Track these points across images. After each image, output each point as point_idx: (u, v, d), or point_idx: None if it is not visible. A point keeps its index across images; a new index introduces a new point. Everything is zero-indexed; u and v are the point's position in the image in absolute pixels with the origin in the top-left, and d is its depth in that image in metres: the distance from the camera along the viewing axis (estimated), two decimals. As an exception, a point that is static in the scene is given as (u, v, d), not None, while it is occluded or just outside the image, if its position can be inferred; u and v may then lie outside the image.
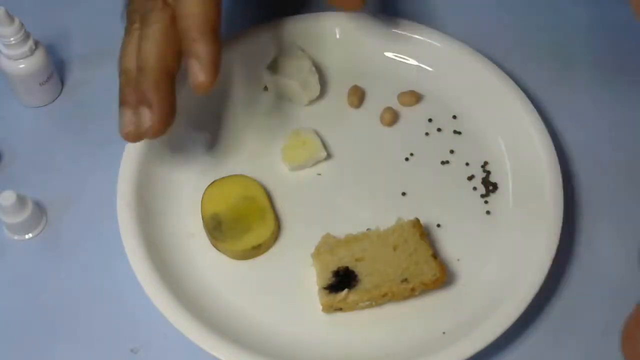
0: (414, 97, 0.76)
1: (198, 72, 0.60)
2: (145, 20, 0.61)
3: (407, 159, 0.74)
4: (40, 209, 0.71)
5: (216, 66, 0.61)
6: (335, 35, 0.78)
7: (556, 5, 0.83)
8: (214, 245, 0.69)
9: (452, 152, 0.74)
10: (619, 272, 0.70)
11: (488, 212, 0.71)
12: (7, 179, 0.73)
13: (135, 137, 0.63)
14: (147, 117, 0.62)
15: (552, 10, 0.83)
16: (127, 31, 0.62)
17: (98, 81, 0.79)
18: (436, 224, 0.71)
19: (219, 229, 0.69)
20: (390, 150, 0.74)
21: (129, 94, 0.62)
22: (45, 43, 0.76)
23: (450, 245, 0.70)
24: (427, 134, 0.75)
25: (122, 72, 0.63)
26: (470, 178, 0.73)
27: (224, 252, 0.69)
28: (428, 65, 0.77)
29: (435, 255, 0.66)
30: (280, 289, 0.68)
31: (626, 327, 0.54)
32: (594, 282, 0.69)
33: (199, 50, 0.60)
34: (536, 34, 0.82)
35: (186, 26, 0.60)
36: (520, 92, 0.74)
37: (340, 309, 0.66)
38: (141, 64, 0.61)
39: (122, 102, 0.63)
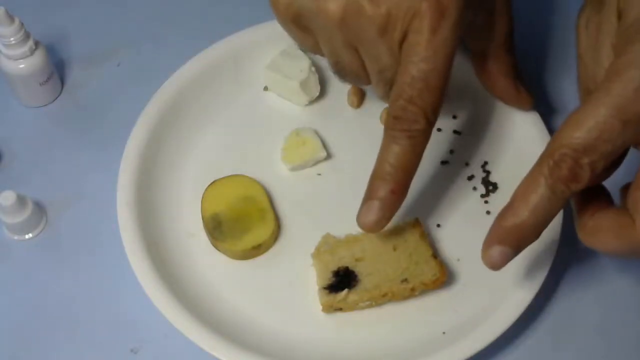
0: (414, 97, 0.76)
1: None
2: (409, 135, 0.62)
3: (407, 159, 0.74)
4: (40, 209, 0.71)
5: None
6: (335, 35, 0.78)
7: (556, 4, 0.83)
8: (214, 245, 0.69)
9: (452, 152, 0.74)
10: (619, 271, 0.70)
11: (488, 212, 0.71)
12: (7, 179, 0.73)
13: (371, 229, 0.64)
14: (377, 212, 0.63)
15: (552, 10, 0.83)
16: (390, 137, 0.63)
17: (98, 81, 0.79)
18: (436, 224, 0.71)
19: (219, 229, 0.69)
20: (390, 150, 0.74)
21: (379, 189, 0.63)
22: (45, 43, 0.76)
23: (450, 245, 0.70)
24: (427, 134, 0.75)
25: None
26: (470, 178, 0.73)
27: (224, 252, 0.69)
28: (428, 65, 0.77)
29: (435, 255, 0.66)
30: (280, 289, 0.68)
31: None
32: (594, 282, 0.69)
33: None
34: (536, 33, 0.82)
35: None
36: (520, 92, 0.74)
37: (340, 309, 0.66)
38: (392, 170, 0.63)
39: (374, 197, 0.63)
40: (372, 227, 0.63)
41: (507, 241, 0.56)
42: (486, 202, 0.72)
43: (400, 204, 0.63)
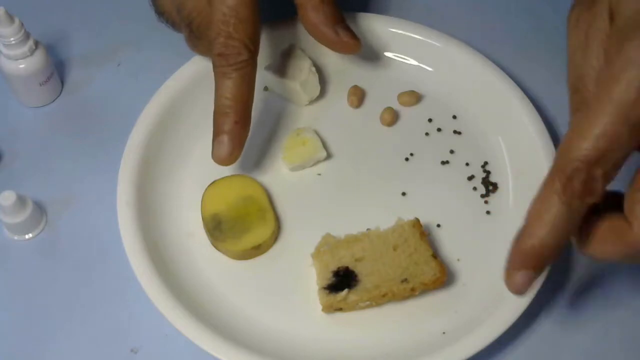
0: (414, 97, 0.76)
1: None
2: (237, 67, 0.66)
3: (407, 159, 0.74)
4: (40, 209, 0.71)
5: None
6: (335, 35, 0.78)
7: (556, 5, 0.83)
8: (214, 245, 0.69)
9: (452, 152, 0.74)
10: (619, 271, 0.70)
11: (488, 212, 0.71)
12: (7, 179, 0.73)
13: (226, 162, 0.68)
14: (227, 145, 0.67)
15: (552, 10, 0.83)
16: (221, 74, 0.67)
17: (98, 81, 0.79)
18: (436, 224, 0.71)
19: (219, 229, 0.69)
20: (390, 150, 0.74)
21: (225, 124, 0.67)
22: (45, 43, 0.76)
23: (450, 245, 0.70)
24: (427, 134, 0.75)
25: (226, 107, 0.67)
26: (470, 178, 0.73)
27: (224, 252, 0.69)
28: (428, 65, 0.77)
29: (435, 255, 0.66)
30: (280, 289, 0.68)
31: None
32: (593, 282, 0.69)
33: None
34: (536, 34, 0.82)
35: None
36: (520, 92, 0.74)
37: (340, 309, 0.66)
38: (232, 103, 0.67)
39: (221, 132, 0.67)
40: (226, 160, 0.67)
41: (528, 264, 0.54)
42: (486, 202, 0.72)
43: (247, 133, 0.68)
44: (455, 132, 0.75)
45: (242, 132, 0.67)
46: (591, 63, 0.56)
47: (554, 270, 0.67)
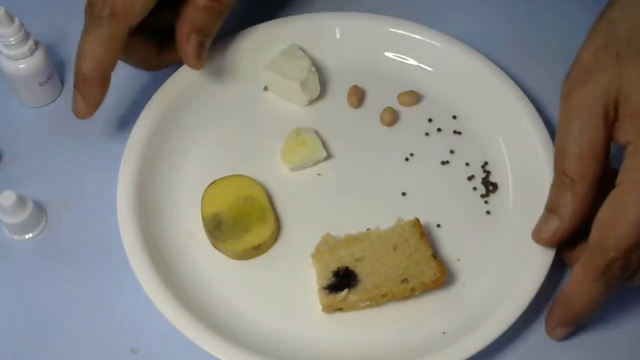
0: (414, 97, 0.76)
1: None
2: (97, 23, 0.67)
3: (407, 159, 0.74)
4: (40, 209, 0.71)
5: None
6: (335, 35, 0.78)
7: (556, 4, 0.83)
8: (214, 245, 0.69)
9: (452, 152, 0.74)
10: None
11: (488, 212, 0.71)
12: (7, 179, 0.73)
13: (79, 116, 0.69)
14: (78, 102, 0.68)
15: (552, 10, 0.83)
16: (84, 30, 0.68)
17: (98, 81, 0.79)
18: (436, 224, 0.71)
19: (219, 229, 0.69)
20: (390, 150, 0.74)
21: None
22: (45, 43, 0.76)
23: (450, 245, 0.70)
24: (427, 134, 0.75)
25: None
26: (470, 178, 0.73)
27: (224, 252, 0.69)
28: (428, 65, 0.77)
29: (435, 255, 0.66)
30: (280, 289, 0.68)
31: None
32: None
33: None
34: (536, 33, 0.82)
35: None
36: (520, 92, 0.74)
37: (340, 309, 0.66)
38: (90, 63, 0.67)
39: (75, 87, 0.68)
40: (79, 114, 0.68)
41: (570, 324, 0.64)
42: (486, 202, 0.72)
43: (99, 95, 0.68)
44: (455, 132, 0.75)
45: (93, 92, 0.67)
46: (574, 137, 0.61)
47: (554, 270, 0.67)
